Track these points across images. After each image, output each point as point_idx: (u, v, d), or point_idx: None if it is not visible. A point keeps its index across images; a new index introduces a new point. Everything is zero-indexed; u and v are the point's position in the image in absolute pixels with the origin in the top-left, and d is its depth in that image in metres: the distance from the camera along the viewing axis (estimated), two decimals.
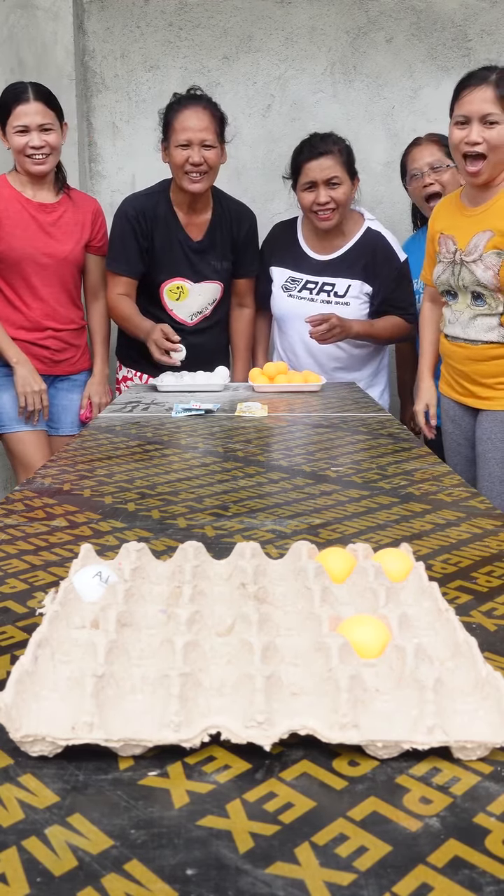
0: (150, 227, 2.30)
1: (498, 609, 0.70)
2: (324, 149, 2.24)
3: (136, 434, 1.52)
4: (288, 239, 2.44)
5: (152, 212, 2.30)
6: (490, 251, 1.87)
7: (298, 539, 0.86)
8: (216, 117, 2.22)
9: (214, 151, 2.20)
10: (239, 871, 0.38)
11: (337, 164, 2.24)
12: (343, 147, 2.28)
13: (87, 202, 2.35)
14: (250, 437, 1.48)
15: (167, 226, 2.31)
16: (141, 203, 2.32)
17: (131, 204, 2.33)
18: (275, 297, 2.44)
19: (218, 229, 2.36)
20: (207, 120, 2.19)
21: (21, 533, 0.91)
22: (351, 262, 2.32)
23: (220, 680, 0.53)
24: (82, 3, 3.02)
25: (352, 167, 2.29)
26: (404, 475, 1.19)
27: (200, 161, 2.18)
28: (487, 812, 0.42)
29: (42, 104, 2.13)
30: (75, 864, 0.38)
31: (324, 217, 2.28)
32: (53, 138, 2.15)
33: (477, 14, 3.04)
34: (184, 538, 0.88)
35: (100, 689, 0.48)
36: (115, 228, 2.33)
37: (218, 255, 2.37)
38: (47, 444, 2.29)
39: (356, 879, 0.37)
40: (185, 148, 2.18)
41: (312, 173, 2.24)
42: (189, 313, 2.39)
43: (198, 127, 2.17)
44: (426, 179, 2.34)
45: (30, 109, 2.11)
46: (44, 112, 2.12)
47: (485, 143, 1.80)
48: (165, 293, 2.35)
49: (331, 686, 0.49)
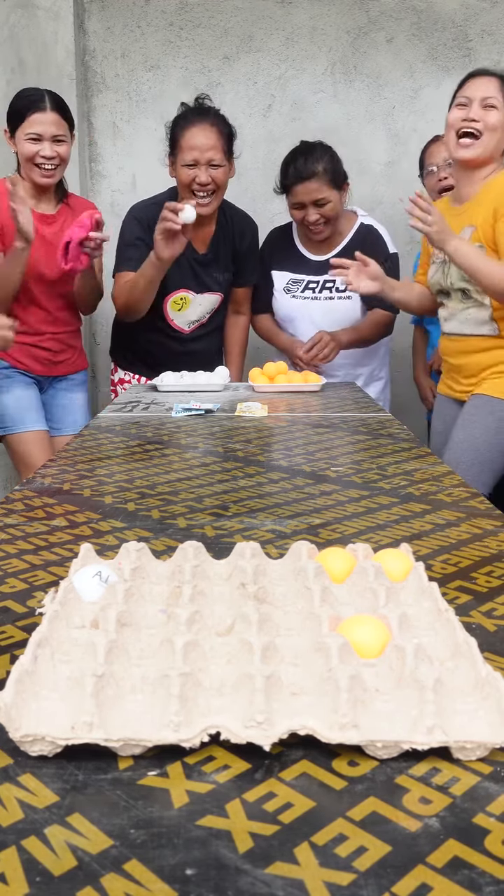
0: None
1: (498, 609, 0.70)
2: (307, 172, 2.24)
3: (136, 434, 1.52)
4: (285, 243, 2.47)
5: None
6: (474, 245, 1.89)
7: (298, 539, 0.86)
8: (224, 134, 2.17)
9: (222, 170, 2.17)
10: (238, 871, 0.38)
11: (322, 184, 2.24)
12: (327, 163, 2.26)
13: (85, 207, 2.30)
14: (250, 437, 1.48)
15: None
16: (151, 213, 2.26)
17: (142, 212, 2.28)
18: (277, 299, 2.46)
19: (221, 242, 2.35)
20: (215, 138, 2.14)
21: (21, 533, 0.91)
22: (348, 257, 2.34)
23: (220, 680, 0.53)
24: (83, 3, 3.02)
25: (339, 180, 2.29)
26: (404, 475, 1.19)
27: (208, 181, 2.15)
28: (487, 812, 0.42)
29: (58, 115, 2.11)
30: (75, 864, 0.38)
31: (316, 231, 2.32)
32: (64, 150, 2.14)
33: (477, 14, 3.04)
34: (184, 538, 0.88)
35: (100, 689, 0.48)
36: (124, 232, 2.29)
37: (221, 268, 2.36)
38: (49, 443, 2.29)
39: (356, 879, 0.37)
40: (191, 167, 2.14)
41: (299, 196, 2.27)
42: (187, 322, 2.39)
43: (205, 146, 2.13)
44: (441, 174, 2.35)
45: (46, 119, 2.09)
46: (59, 123, 2.11)
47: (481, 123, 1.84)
48: (169, 304, 2.34)
49: (331, 686, 0.49)
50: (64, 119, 2.13)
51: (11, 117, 2.13)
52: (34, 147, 2.10)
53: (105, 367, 3.26)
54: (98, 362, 3.29)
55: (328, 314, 2.39)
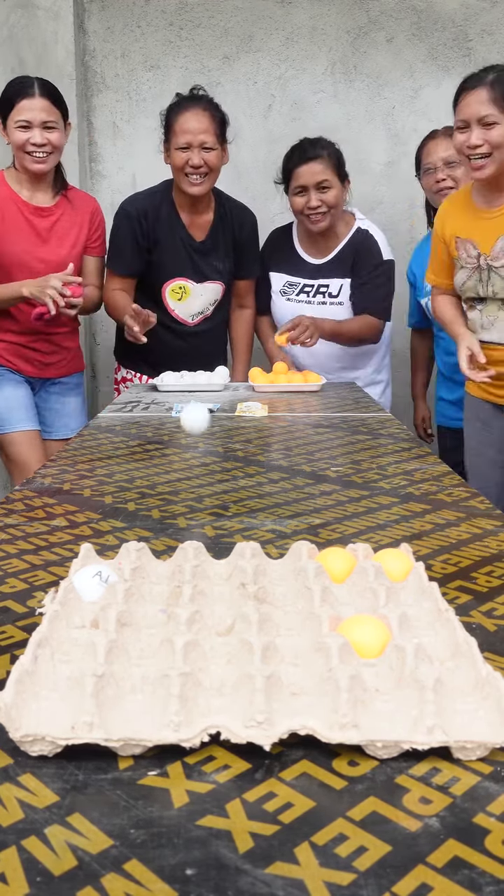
0: (153, 228, 2.29)
1: (498, 609, 0.70)
2: (313, 153, 2.25)
3: (136, 434, 1.52)
4: (284, 244, 2.46)
5: (155, 212, 2.29)
6: None
7: (298, 539, 0.86)
8: (216, 119, 2.21)
9: (215, 153, 2.20)
10: (238, 871, 0.38)
11: (327, 168, 2.25)
12: (333, 151, 2.28)
13: (85, 202, 2.30)
14: (250, 437, 1.48)
15: (170, 226, 2.30)
16: (143, 203, 2.31)
17: (133, 204, 2.32)
18: (274, 301, 2.47)
19: (220, 230, 2.36)
20: (207, 122, 2.18)
21: (21, 533, 0.91)
22: (343, 262, 2.34)
23: (220, 680, 0.53)
24: (83, 3, 3.02)
25: (342, 170, 2.29)
26: (404, 475, 1.19)
27: (200, 163, 2.17)
28: (487, 812, 0.42)
29: (47, 101, 2.06)
30: (75, 864, 0.38)
31: (315, 220, 2.29)
32: (56, 137, 2.08)
33: (477, 14, 3.04)
34: (184, 538, 0.88)
35: (100, 689, 0.48)
36: (115, 228, 2.32)
37: (220, 256, 2.37)
38: (41, 444, 2.27)
39: (356, 879, 0.37)
40: (184, 150, 2.17)
41: (303, 178, 2.25)
42: (190, 313, 2.39)
43: (197, 129, 2.16)
44: (439, 175, 2.31)
45: (34, 105, 2.04)
46: (48, 109, 2.06)
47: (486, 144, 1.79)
48: (168, 293, 2.34)
49: (331, 686, 0.49)
50: (55, 106, 2.07)
51: (2, 106, 2.08)
52: (24, 135, 2.05)
53: (105, 367, 3.26)
54: (98, 362, 3.29)
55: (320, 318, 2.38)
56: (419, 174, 2.44)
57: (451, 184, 2.28)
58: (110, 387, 3.24)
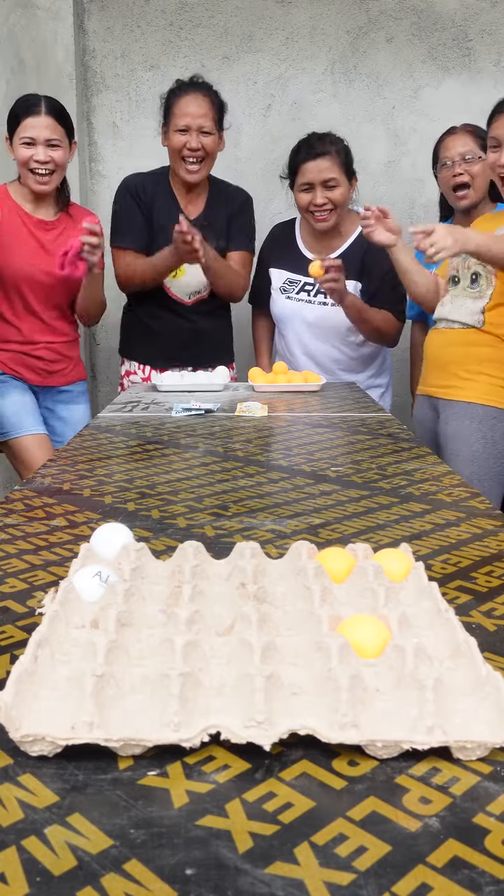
0: (150, 203, 2.31)
1: (497, 609, 0.70)
2: (321, 150, 2.23)
3: (136, 434, 1.52)
4: (286, 240, 2.44)
5: (152, 188, 2.31)
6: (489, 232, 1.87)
7: (298, 539, 0.86)
8: (215, 104, 2.23)
9: (212, 138, 2.22)
10: (238, 871, 0.38)
11: (334, 165, 2.23)
12: (341, 147, 2.27)
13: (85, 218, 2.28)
14: (250, 437, 1.48)
15: (166, 203, 2.31)
16: (141, 179, 2.33)
17: (132, 180, 2.34)
18: (273, 298, 2.44)
19: (215, 209, 2.36)
20: (206, 106, 2.20)
21: (21, 532, 0.91)
22: (348, 262, 2.31)
23: (220, 680, 0.53)
24: (82, 3, 3.02)
25: (350, 168, 2.28)
26: (404, 475, 1.19)
27: (198, 146, 2.20)
28: (487, 812, 0.42)
29: (52, 119, 2.10)
30: (75, 864, 0.38)
31: (320, 218, 2.28)
32: (59, 155, 2.12)
33: (477, 14, 3.04)
34: (183, 538, 0.88)
35: (99, 689, 0.48)
36: (117, 204, 2.33)
37: (214, 235, 2.35)
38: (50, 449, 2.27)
39: (355, 879, 0.37)
40: (183, 133, 2.19)
41: (309, 174, 2.24)
42: (186, 292, 2.38)
43: (196, 113, 2.19)
44: (456, 169, 2.30)
45: (39, 123, 2.08)
46: (53, 127, 2.09)
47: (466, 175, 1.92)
48: None
49: (331, 686, 0.49)
50: (60, 124, 2.11)
51: (10, 122, 2.13)
52: (28, 151, 2.09)
53: (105, 367, 3.26)
54: (98, 362, 3.29)
55: (320, 319, 2.37)
56: (436, 169, 2.42)
57: (466, 178, 2.26)
58: (110, 387, 3.24)
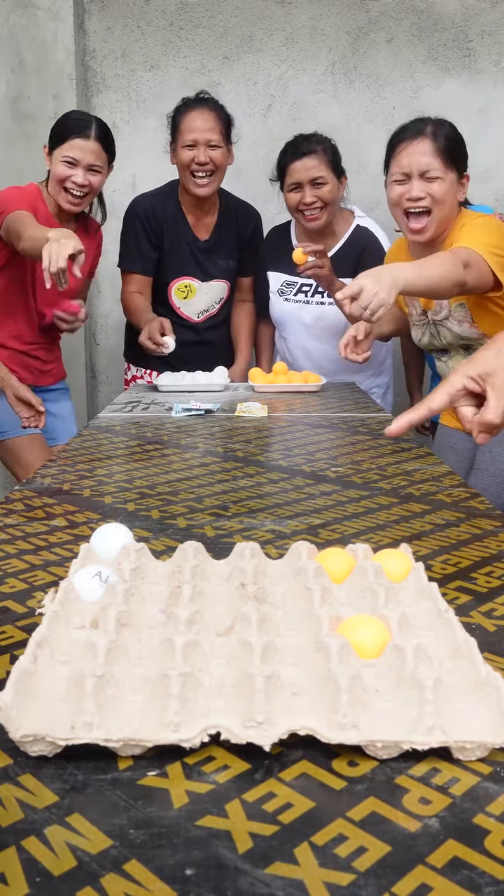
0: (160, 227, 2.32)
1: (497, 609, 0.70)
2: (307, 149, 2.24)
3: (136, 434, 1.52)
4: (282, 243, 2.44)
5: (161, 212, 2.33)
6: (454, 305, 1.76)
7: (298, 539, 0.86)
8: (222, 118, 2.25)
9: (220, 151, 2.23)
10: (238, 872, 0.38)
11: (321, 163, 2.23)
12: (328, 146, 2.27)
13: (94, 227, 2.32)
14: (250, 437, 1.48)
15: (176, 226, 2.33)
16: (150, 203, 2.35)
17: (141, 204, 2.36)
18: (272, 301, 2.45)
19: (224, 229, 2.38)
20: (213, 120, 2.22)
21: (21, 533, 0.91)
22: (342, 261, 2.31)
23: (220, 680, 0.53)
24: (83, 3, 3.02)
25: (338, 166, 2.28)
26: (404, 475, 1.19)
27: (206, 160, 2.21)
28: (487, 812, 0.42)
29: (100, 145, 2.08)
30: (74, 864, 0.38)
31: (311, 217, 2.27)
32: (98, 180, 2.11)
33: (477, 14, 3.04)
34: (183, 538, 0.88)
35: (99, 689, 0.48)
36: (126, 228, 2.35)
37: (224, 255, 2.39)
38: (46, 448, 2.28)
39: (355, 880, 0.37)
40: (191, 148, 2.21)
41: (297, 174, 2.24)
42: (196, 311, 2.41)
43: (203, 127, 2.20)
44: None
45: (86, 147, 2.05)
46: (98, 153, 2.07)
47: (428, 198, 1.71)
48: (173, 292, 2.37)
49: (330, 686, 0.49)
50: (104, 150, 2.10)
51: (53, 136, 2.10)
52: (68, 171, 2.06)
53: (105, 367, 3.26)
54: (98, 362, 3.29)
55: (318, 319, 2.37)
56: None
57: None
58: (110, 387, 3.24)
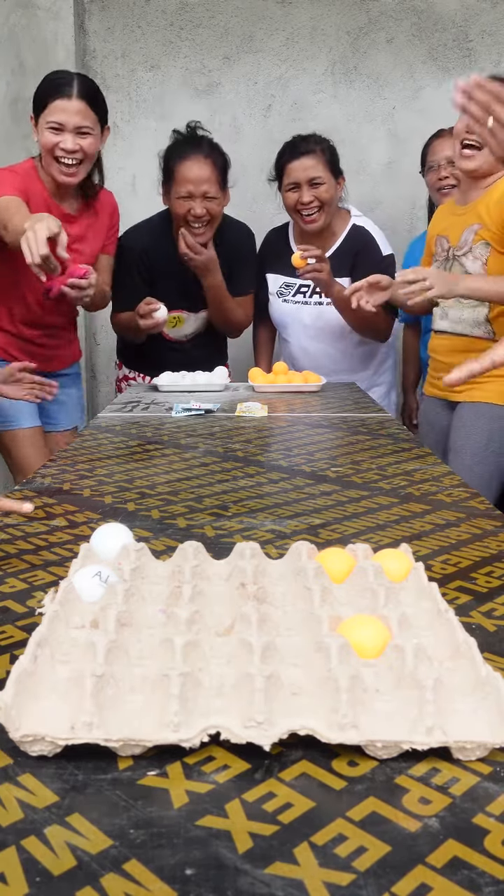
0: (152, 263, 2.30)
1: (497, 609, 0.70)
2: (305, 149, 2.23)
3: (136, 434, 1.52)
4: (280, 244, 2.44)
5: (155, 248, 2.28)
6: (478, 242, 1.91)
7: (298, 539, 0.86)
8: (218, 166, 2.18)
9: (217, 202, 2.18)
10: (238, 871, 0.38)
11: (319, 163, 2.23)
12: (325, 146, 2.26)
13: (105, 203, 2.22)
14: (250, 437, 1.48)
15: (169, 260, 2.28)
16: (145, 241, 2.29)
17: (136, 241, 2.30)
18: (271, 303, 2.45)
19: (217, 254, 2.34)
20: (209, 170, 2.15)
21: (21, 533, 0.91)
22: (338, 261, 2.30)
23: (220, 680, 0.53)
24: (83, 3, 3.02)
25: (336, 166, 2.28)
26: (404, 475, 1.19)
27: (203, 213, 2.16)
28: (487, 812, 0.42)
29: (85, 104, 1.89)
30: (74, 864, 0.38)
31: (309, 218, 2.27)
32: (89, 143, 1.93)
33: (478, 15, 3.04)
34: (183, 538, 0.88)
35: (99, 689, 0.48)
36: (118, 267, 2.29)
37: None
38: (44, 441, 2.27)
39: (355, 879, 0.37)
40: (186, 199, 2.15)
41: (295, 174, 2.23)
42: (184, 335, 2.42)
43: (200, 179, 2.14)
44: (442, 172, 2.34)
45: (69, 107, 1.87)
46: (84, 113, 1.89)
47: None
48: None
49: (330, 686, 0.49)
50: (93, 109, 1.91)
51: (36, 102, 1.93)
52: (55, 138, 1.89)
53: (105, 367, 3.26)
54: (98, 362, 3.29)
55: (317, 319, 2.36)
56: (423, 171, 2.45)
57: (453, 182, 2.29)
58: (110, 387, 3.24)
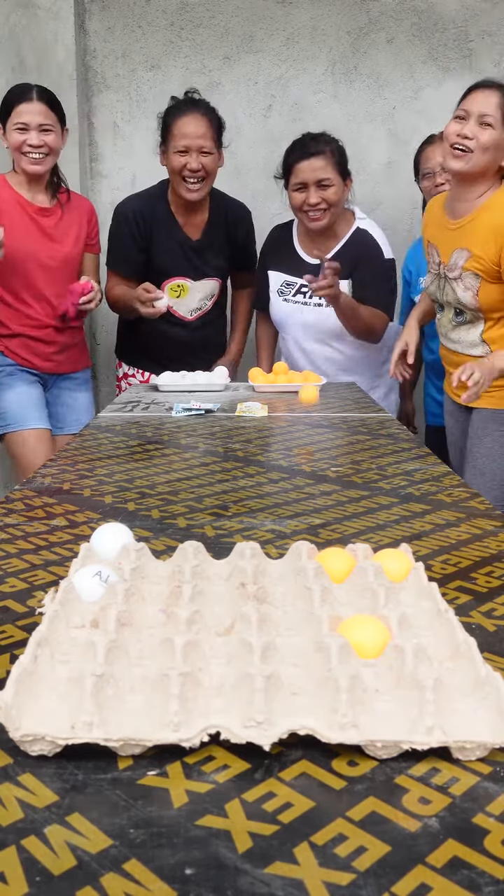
0: (149, 228, 2.32)
1: (497, 609, 0.70)
2: (315, 149, 2.22)
3: (136, 434, 1.52)
4: (283, 242, 2.44)
5: (151, 213, 2.33)
6: (468, 272, 1.90)
7: (298, 539, 0.86)
8: (214, 123, 2.25)
9: (212, 158, 2.24)
10: (238, 871, 0.38)
11: (328, 164, 2.22)
12: (335, 147, 2.26)
13: (80, 203, 2.38)
14: (250, 437, 1.48)
15: (166, 227, 2.33)
16: (139, 205, 2.35)
17: (129, 205, 2.36)
18: (272, 301, 2.44)
19: (215, 228, 2.39)
20: (205, 126, 2.22)
21: (21, 532, 0.91)
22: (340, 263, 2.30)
23: (220, 680, 0.53)
24: (83, 3, 3.02)
25: (344, 168, 2.27)
26: (404, 475, 1.19)
27: (198, 167, 2.22)
28: (486, 812, 0.42)
29: (44, 105, 2.15)
30: (74, 864, 0.38)
31: (314, 218, 2.26)
32: (52, 139, 2.17)
33: (478, 15, 3.04)
34: (184, 538, 0.88)
35: (99, 689, 0.48)
36: (114, 229, 2.36)
37: (216, 253, 2.41)
38: (50, 442, 2.29)
39: (355, 879, 0.37)
40: (182, 154, 2.21)
41: (303, 174, 2.22)
42: (188, 310, 2.43)
43: (196, 133, 2.20)
44: (437, 179, 2.34)
45: (32, 109, 2.13)
46: (45, 113, 2.15)
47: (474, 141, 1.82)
48: (167, 291, 2.37)
49: (330, 686, 0.49)
50: (52, 110, 2.16)
51: (2, 111, 2.18)
52: (21, 136, 2.14)
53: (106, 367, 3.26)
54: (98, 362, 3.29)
55: (317, 320, 2.36)
56: (418, 178, 2.46)
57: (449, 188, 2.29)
58: (111, 386, 3.24)
